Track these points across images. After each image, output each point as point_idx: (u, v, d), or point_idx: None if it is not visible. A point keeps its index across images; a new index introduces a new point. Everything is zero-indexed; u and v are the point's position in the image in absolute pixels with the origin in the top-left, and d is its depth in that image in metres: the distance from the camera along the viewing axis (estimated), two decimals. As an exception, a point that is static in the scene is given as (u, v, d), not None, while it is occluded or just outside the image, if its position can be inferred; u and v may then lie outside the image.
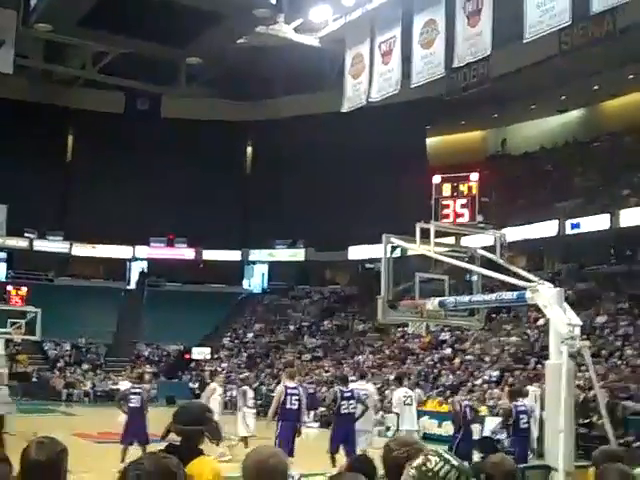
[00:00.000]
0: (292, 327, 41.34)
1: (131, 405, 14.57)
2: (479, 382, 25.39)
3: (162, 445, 4.09)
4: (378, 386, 28.15)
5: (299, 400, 13.17)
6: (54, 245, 45.11)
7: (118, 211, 41.44)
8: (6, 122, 38.85)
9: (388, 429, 17.92)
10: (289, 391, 13.20)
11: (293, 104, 41.74)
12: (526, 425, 12.83)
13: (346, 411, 13.53)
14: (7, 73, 26.03)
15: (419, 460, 2.86)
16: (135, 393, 14.72)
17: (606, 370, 22.26)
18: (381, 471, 3.47)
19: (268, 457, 3.10)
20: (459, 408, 14.10)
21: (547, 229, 33.31)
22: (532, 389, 16.98)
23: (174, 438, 4.11)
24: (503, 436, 13.88)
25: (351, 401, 13.60)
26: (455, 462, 2.87)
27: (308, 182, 40.92)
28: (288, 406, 13.03)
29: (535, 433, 13.57)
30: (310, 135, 39.54)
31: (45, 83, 41.44)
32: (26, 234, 44.48)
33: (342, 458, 12.99)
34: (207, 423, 4.16)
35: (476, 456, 12.79)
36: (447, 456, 2.88)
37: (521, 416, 12.82)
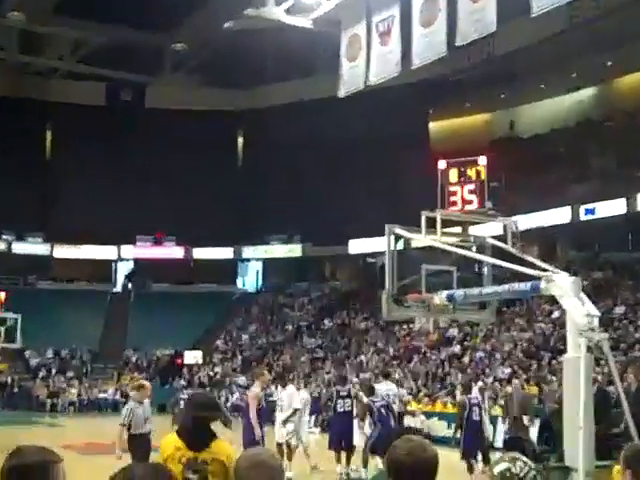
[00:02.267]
0: (290, 327, 41.32)
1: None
2: (490, 380, 25.37)
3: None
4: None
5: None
6: (34, 247, 45.07)
7: (102, 209, 41.41)
8: (-20, 117, 38.84)
9: None
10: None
11: (286, 90, 41.74)
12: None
13: (342, 409, 14.32)
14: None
15: (503, 465, 3.01)
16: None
17: (625, 364, 22.27)
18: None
19: (260, 453, 3.18)
20: (466, 405, 14.18)
21: (560, 215, 33.31)
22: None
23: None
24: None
25: (347, 400, 14.35)
26: (537, 468, 3.04)
27: (304, 172, 40.92)
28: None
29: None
30: (305, 122, 39.51)
31: (21, 76, 41.36)
32: (4, 236, 44.43)
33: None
34: (221, 409, 4.65)
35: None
36: (529, 462, 3.04)
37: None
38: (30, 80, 41.54)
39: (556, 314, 26.67)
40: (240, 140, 49.13)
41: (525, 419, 16.01)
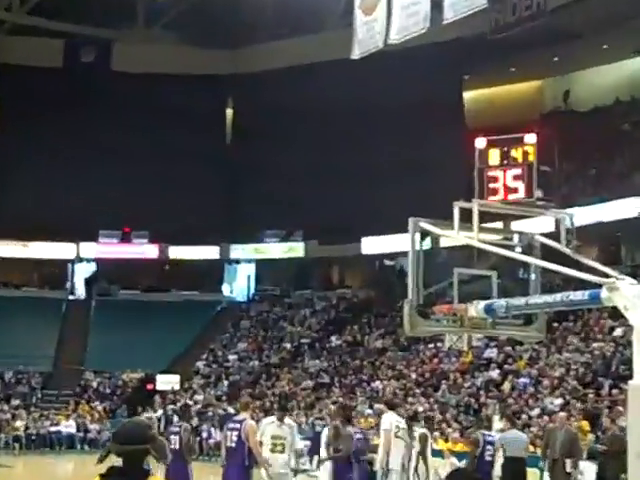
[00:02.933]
0: (288, 345, 41.31)
1: None
2: (536, 413, 25.36)
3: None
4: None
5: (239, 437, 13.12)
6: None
7: (57, 197, 41.41)
8: None
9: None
10: (230, 425, 13.22)
11: (285, 51, 41.69)
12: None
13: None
14: None
15: None
16: None
17: None
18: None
19: None
20: (480, 442, 14.28)
21: (625, 208, 32.93)
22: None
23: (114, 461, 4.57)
24: None
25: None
26: None
27: (307, 153, 40.88)
28: (228, 444, 13.02)
29: None
30: (309, 91, 39.40)
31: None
32: None
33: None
34: (151, 441, 4.63)
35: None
36: None
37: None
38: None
39: (619, 331, 26.57)
40: (229, 112, 49.09)
41: (568, 463, 15.94)
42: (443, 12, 18.39)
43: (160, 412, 35.22)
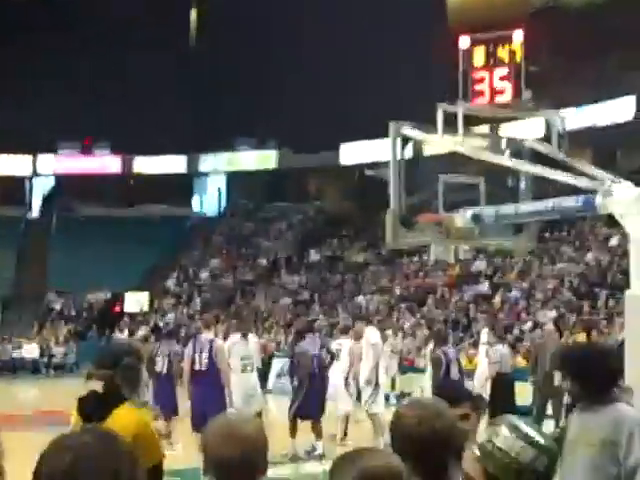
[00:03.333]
0: (264, 261, 41.48)
1: None
2: (528, 327, 25.63)
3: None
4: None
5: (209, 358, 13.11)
6: None
7: (9, 107, 40.97)
8: None
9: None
10: (198, 346, 13.13)
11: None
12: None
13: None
14: None
15: (486, 434, 3.03)
16: None
17: None
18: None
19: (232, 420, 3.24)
20: (442, 361, 14.35)
21: (620, 110, 33.05)
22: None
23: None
24: None
25: None
26: (538, 438, 2.96)
27: (279, 54, 40.47)
28: (197, 367, 12.97)
29: None
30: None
31: None
32: None
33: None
34: (121, 368, 4.70)
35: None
36: (525, 429, 3.01)
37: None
38: None
39: (615, 240, 26.78)
40: (193, 13, 48.53)
41: (556, 376, 16.11)
42: None
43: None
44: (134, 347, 5.30)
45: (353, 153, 41.21)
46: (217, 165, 47.14)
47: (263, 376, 20.45)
